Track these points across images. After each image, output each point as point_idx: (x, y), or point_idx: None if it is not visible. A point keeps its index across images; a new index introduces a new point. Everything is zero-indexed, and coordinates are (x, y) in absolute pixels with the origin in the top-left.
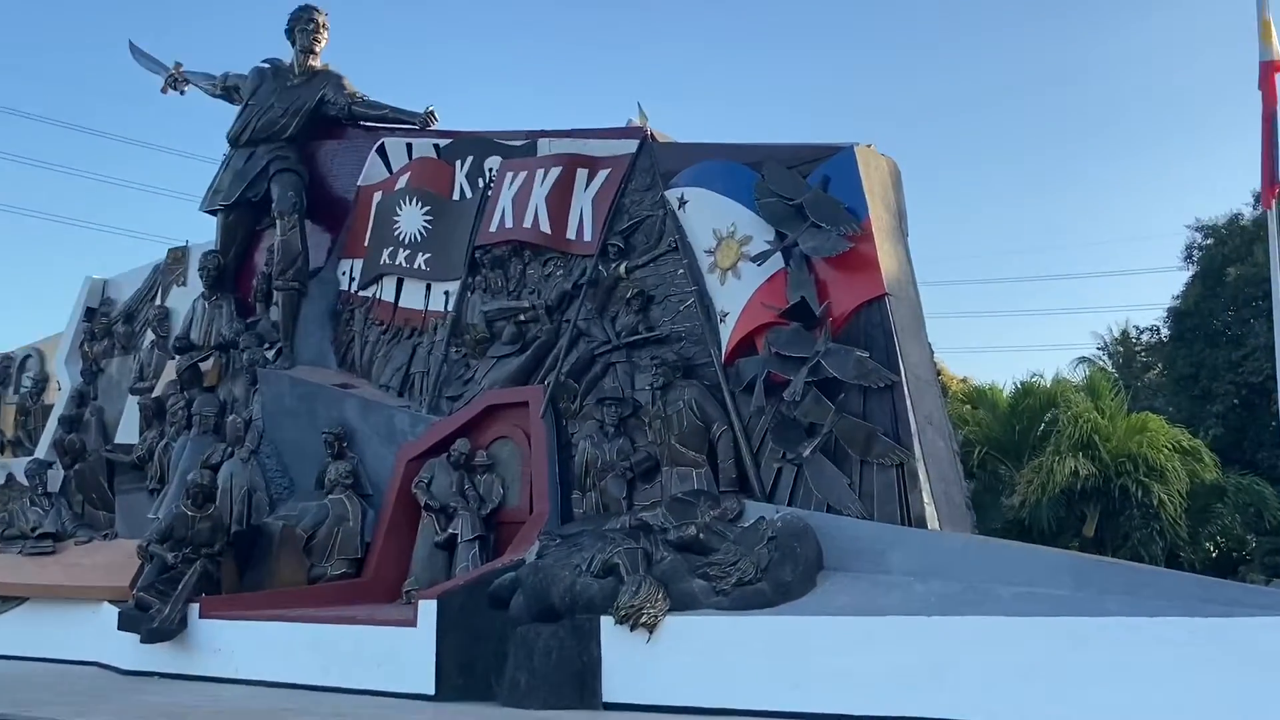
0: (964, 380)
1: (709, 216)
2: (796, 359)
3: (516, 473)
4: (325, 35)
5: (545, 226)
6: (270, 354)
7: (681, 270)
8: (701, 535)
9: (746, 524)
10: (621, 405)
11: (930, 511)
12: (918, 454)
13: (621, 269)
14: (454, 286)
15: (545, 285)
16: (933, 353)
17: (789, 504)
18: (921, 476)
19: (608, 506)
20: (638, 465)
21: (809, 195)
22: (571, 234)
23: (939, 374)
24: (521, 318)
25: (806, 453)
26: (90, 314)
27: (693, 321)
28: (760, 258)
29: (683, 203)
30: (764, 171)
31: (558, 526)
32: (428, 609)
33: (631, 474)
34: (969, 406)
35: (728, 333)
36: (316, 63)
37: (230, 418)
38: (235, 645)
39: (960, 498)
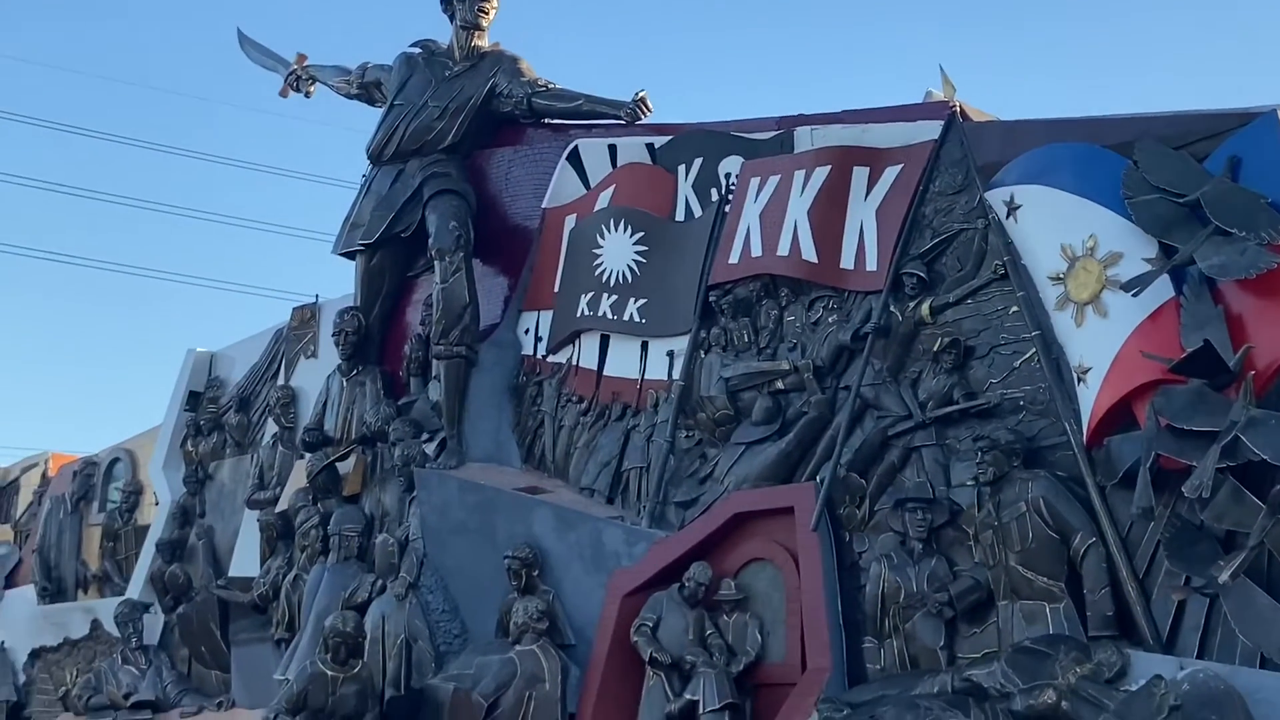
0: None
1: (1054, 227)
2: (1201, 435)
3: (780, 611)
4: (495, 2)
5: (809, 253)
6: (431, 448)
7: (1015, 308)
8: (1065, 704)
9: (1133, 687)
10: (932, 510)
11: None
12: None
13: (924, 309)
14: (681, 344)
15: (812, 337)
16: None
17: (1199, 656)
18: None
19: (917, 660)
20: (960, 598)
21: (1210, 188)
22: (848, 262)
23: None
24: (779, 385)
25: (1224, 577)
26: (194, 400)
27: (1035, 383)
28: (1136, 284)
29: (1013, 208)
30: (1137, 156)
31: (843, 690)
32: None
33: (952, 611)
34: None
35: (1091, 398)
36: (483, 41)
37: (379, 538)
38: None
39: None
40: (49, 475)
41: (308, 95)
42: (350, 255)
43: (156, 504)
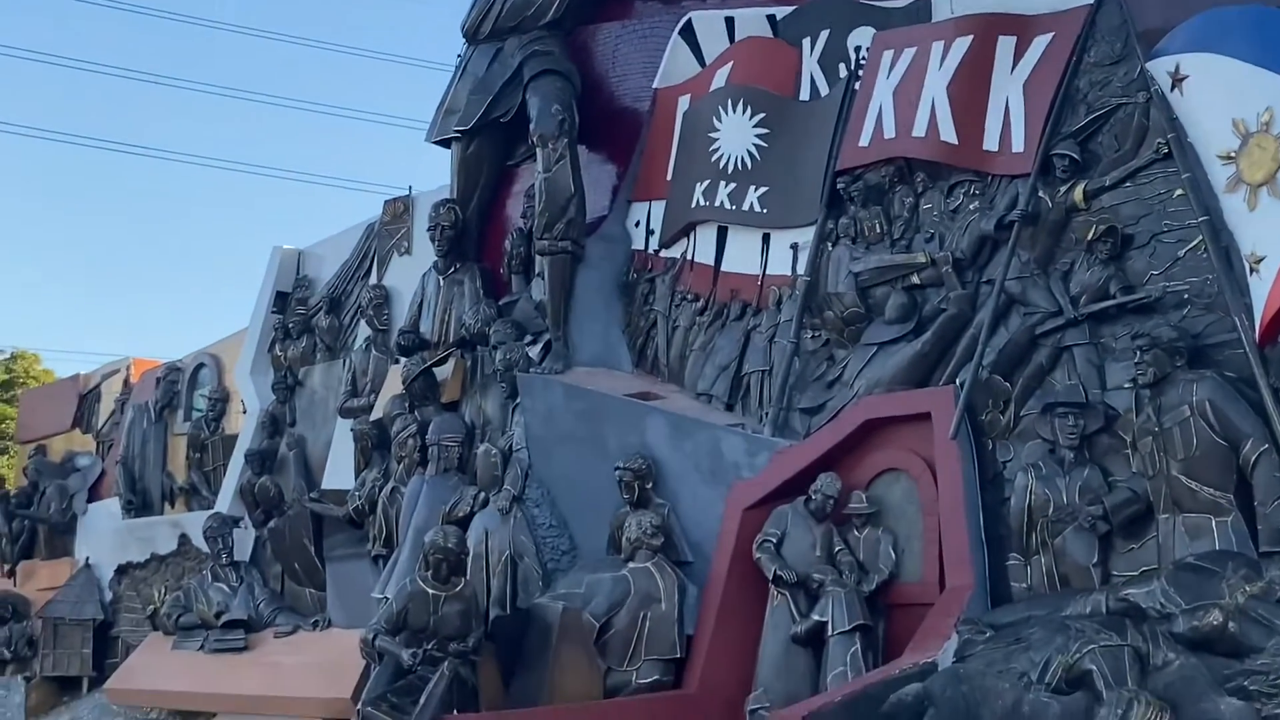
0: None
1: (1225, 99)
2: None
3: (915, 526)
4: None
5: (948, 134)
6: (534, 351)
7: (1179, 191)
8: (1232, 625)
9: None
10: (1085, 415)
11: None
12: None
13: (1077, 194)
14: (806, 236)
15: (952, 227)
16: None
17: None
18: None
19: (1067, 578)
20: (1116, 511)
21: None
22: (991, 143)
23: None
24: (915, 280)
25: None
26: (282, 301)
27: (1201, 274)
28: None
29: (1178, 79)
30: None
31: (986, 611)
32: None
33: (1106, 525)
34: None
35: (1264, 291)
36: None
37: (481, 448)
38: None
39: None
40: (131, 382)
41: None
42: (445, 143)
43: (244, 412)
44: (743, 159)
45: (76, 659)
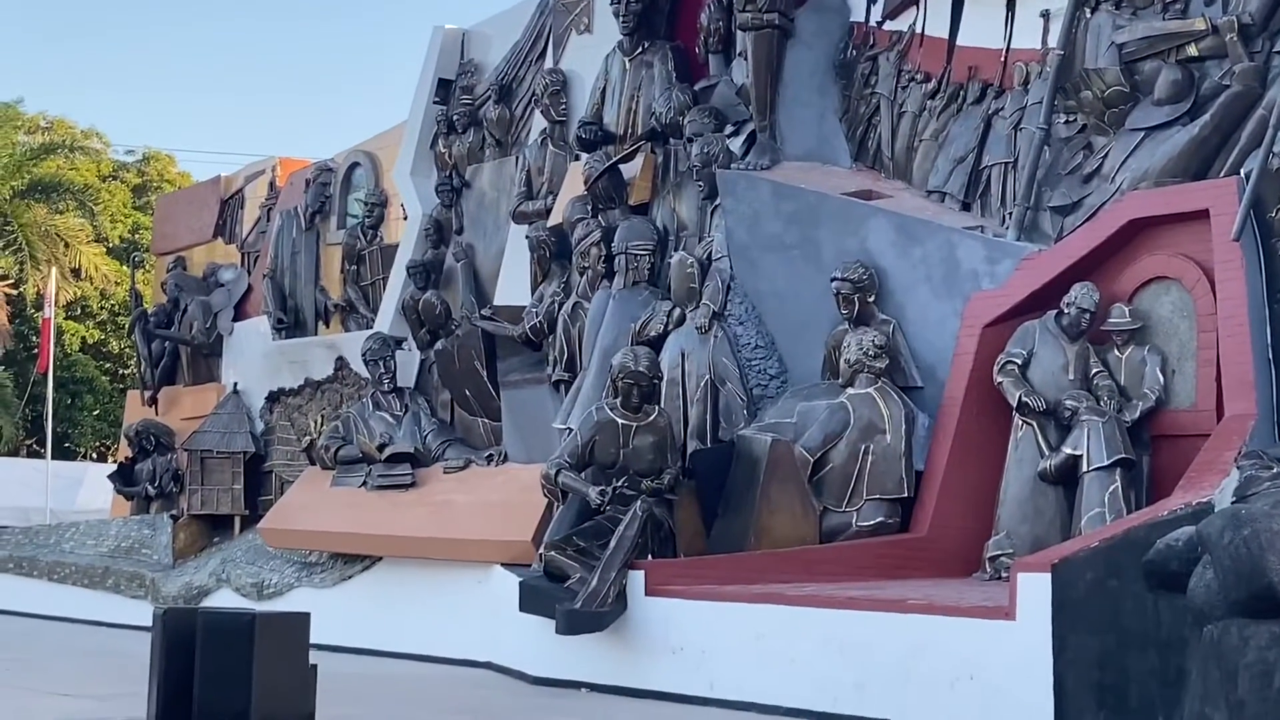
0: None
1: None
2: None
3: (1189, 344)
4: None
5: None
6: (737, 144)
7: None
8: None
9: None
10: None
11: None
12: None
13: None
14: (1060, 1)
15: None
16: None
17: None
18: None
19: None
20: None
21: None
22: None
23: None
24: (1192, 51)
25: None
26: (445, 90)
27: None
28: None
29: None
30: None
31: (1273, 442)
32: (1033, 589)
33: None
34: None
35: None
36: None
37: (675, 257)
38: (706, 642)
39: None
40: (278, 185)
41: None
42: None
43: (405, 218)
44: None
45: (227, 496)
